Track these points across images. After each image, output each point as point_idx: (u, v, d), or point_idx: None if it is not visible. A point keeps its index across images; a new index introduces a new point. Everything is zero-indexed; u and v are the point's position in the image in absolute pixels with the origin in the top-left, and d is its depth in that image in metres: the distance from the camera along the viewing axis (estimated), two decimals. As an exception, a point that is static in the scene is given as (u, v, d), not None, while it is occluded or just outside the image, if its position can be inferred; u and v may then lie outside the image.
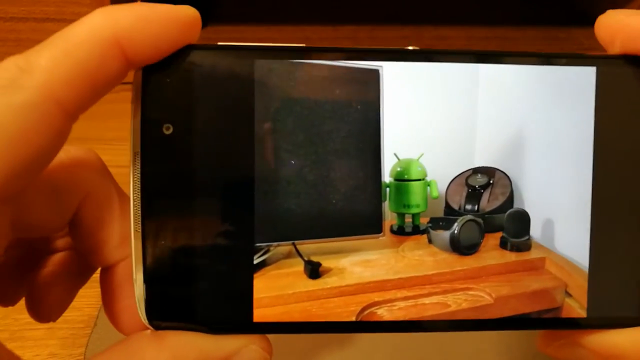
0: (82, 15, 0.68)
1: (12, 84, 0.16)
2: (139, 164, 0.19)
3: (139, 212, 0.20)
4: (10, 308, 0.37)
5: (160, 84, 0.19)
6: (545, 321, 0.21)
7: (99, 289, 0.39)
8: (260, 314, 0.20)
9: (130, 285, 0.20)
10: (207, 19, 0.70)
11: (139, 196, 0.19)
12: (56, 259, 0.23)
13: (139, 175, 0.19)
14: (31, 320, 0.36)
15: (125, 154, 0.59)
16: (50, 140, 0.16)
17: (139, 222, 0.20)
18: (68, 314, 0.37)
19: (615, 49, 0.20)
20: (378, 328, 0.21)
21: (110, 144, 0.53)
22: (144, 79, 0.19)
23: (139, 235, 0.20)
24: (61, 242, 0.23)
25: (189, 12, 0.19)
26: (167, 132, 0.19)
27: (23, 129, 0.16)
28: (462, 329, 0.21)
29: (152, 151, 0.19)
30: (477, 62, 0.20)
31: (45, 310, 0.22)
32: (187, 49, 0.19)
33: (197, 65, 0.19)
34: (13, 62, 0.16)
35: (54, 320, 0.23)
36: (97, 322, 0.36)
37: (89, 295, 0.38)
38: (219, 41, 0.20)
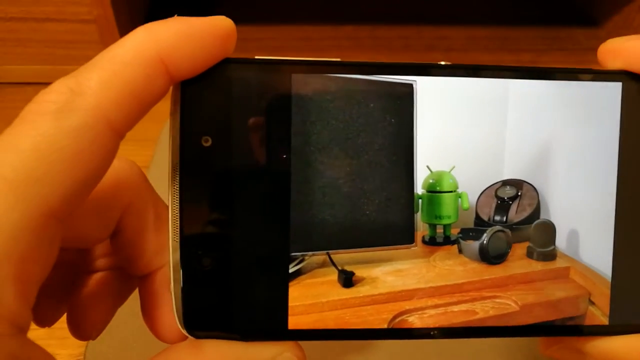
0: (82, 16, 0.66)
1: (66, 106, 0.16)
2: (178, 176, 0.20)
3: (177, 222, 0.20)
4: None
5: (199, 97, 0.19)
6: (568, 328, 0.22)
7: None
8: (295, 322, 0.20)
9: (169, 292, 0.20)
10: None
11: (178, 207, 0.20)
12: (97, 278, 0.23)
13: (178, 186, 0.20)
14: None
15: (124, 154, 0.59)
16: (103, 159, 0.17)
17: (177, 233, 0.20)
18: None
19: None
20: (409, 335, 0.21)
21: None
22: (182, 93, 0.19)
23: (177, 245, 0.20)
24: (102, 262, 0.23)
25: (226, 24, 0.19)
26: (205, 145, 0.20)
27: (78, 151, 0.16)
28: (489, 335, 0.21)
29: (191, 163, 0.20)
30: (507, 78, 0.20)
31: (86, 328, 0.22)
32: (225, 62, 0.19)
33: (234, 79, 0.20)
34: (65, 85, 0.16)
35: (94, 338, 0.23)
36: None
37: None
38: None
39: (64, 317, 0.36)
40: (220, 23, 0.19)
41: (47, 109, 0.16)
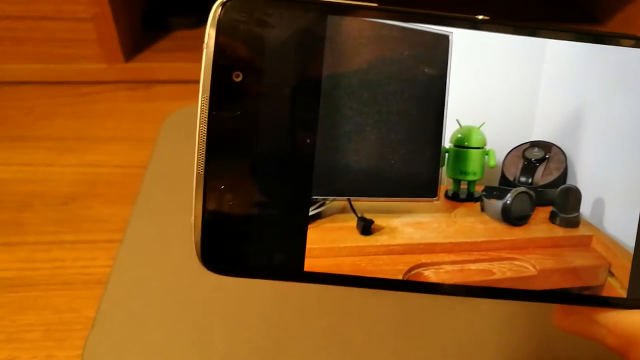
0: (80, 14, 0.66)
1: None
2: (207, 108, 0.20)
3: (203, 154, 0.20)
4: (6, 309, 0.38)
5: (233, 33, 0.19)
6: (584, 298, 0.21)
7: (97, 291, 0.38)
8: (310, 264, 0.20)
9: None
10: (206, 17, 0.70)
11: (205, 139, 0.20)
12: None
13: (206, 118, 0.20)
14: (28, 321, 0.37)
15: (122, 154, 0.59)
16: None
17: (202, 165, 0.20)
18: (65, 315, 0.38)
19: None
20: (423, 289, 0.21)
21: (107, 143, 0.54)
22: (218, 28, 0.19)
23: (201, 177, 0.20)
24: None
25: None
26: (236, 80, 0.20)
27: None
28: (504, 297, 0.21)
29: (220, 97, 0.20)
30: (545, 37, 0.20)
31: None
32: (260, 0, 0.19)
33: (269, 17, 0.19)
34: None
35: None
36: (95, 323, 0.36)
37: (86, 296, 0.39)
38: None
39: (65, 318, 0.37)
40: None
41: None
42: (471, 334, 0.34)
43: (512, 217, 0.21)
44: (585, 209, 0.21)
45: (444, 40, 0.20)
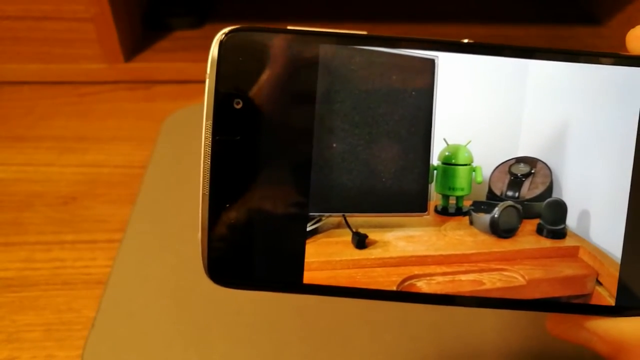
0: (80, 14, 0.68)
1: None
2: (210, 133, 0.21)
3: (208, 176, 0.21)
4: (6, 309, 0.38)
5: (233, 63, 0.21)
6: (574, 306, 0.22)
7: (97, 291, 0.39)
8: (309, 277, 0.21)
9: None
10: (207, 18, 0.69)
11: (209, 162, 0.21)
12: None
13: (210, 142, 0.21)
14: (28, 321, 0.38)
15: (122, 154, 0.60)
16: None
17: (207, 186, 0.21)
18: (65, 316, 0.38)
19: None
20: (416, 299, 0.22)
21: (107, 143, 0.54)
22: (219, 57, 0.21)
23: (206, 197, 0.21)
24: None
25: None
26: (237, 107, 0.21)
27: None
28: (493, 306, 0.22)
29: (222, 122, 0.21)
30: (527, 58, 0.21)
31: None
32: (257, 31, 0.21)
33: (265, 47, 0.21)
34: None
35: None
36: (95, 323, 0.36)
37: (86, 296, 0.39)
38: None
39: (65, 318, 0.37)
40: None
41: None
42: (471, 335, 0.35)
43: (500, 230, 0.21)
44: (571, 221, 0.21)
45: (430, 63, 0.21)
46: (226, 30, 0.21)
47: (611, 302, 0.22)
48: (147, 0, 0.71)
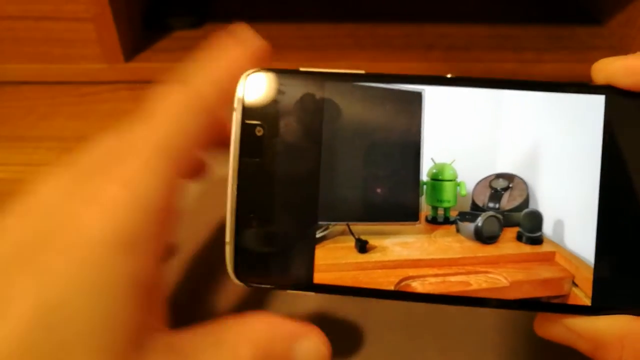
0: (80, 14, 0.62)
1: (192, 104, 0.23)
2: (237, 155, 0.25)
3: (235, 192, 0.25)
4: None
5: (255, 98, 0.25)
6: (552, 306, 0.24)
7: None
8: (319, 277, 0.25)
9: None
10: (207, 18, 0.68)
11: (235, 179, 0.25)
12: None
13: (237, 163, 0.25)
14: None
15: None
16: (208, 135, 0.24)
17: (234, 201, 0.25)
18: None
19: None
20: (411, 297, 0.25)
21: None
22: (244, 92, 0.25)
23: (234, 207, 0.25)
24: None
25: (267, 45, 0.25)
26: (258, 134, 0.25)
27: (199, 132, 0.23)
28: (481, 305, 0.25)
29: (246, 146, 0.25)
30: (502, 88, 0.24)
31: None
32: (274, 71, 0.25)
33: (281, 85, 0.25)
34: (188, 90, 0.23)
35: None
36: None
37: None
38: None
39: None
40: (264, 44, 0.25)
41: (180, 105, 0.23)
42: (471, 334, 0.35)
43: (484, 237, 0.24)
44: (547, 228, 0.24)
45: (418, 95, 0.25)
46: (249, 72, 0.25)
47: (587, 302, 0.24)
48: (147, 0, 0.69)
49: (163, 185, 0.21)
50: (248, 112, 0.25)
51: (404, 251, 0.25)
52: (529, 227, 0.24)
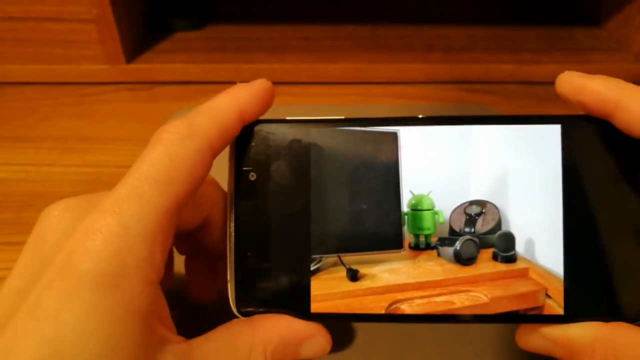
0: (81, 15, 0.62)
1: (187, 136, 0.24)
2: (234, 199, 0.28)
3: (233, 232, 0.28)
4: None
5: (247, 145, 0.28)
6: (530, 317, 0.27)
7: None
8: (315, 307, 0.27)
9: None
10: (208, 19, 0.69)
11: (233, 220, 0.28)
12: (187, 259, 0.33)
13: (233, 206, 0.28)
14: None
15: (124, 154, 0.58)
16: (206, 170, 0.25)
17: (232, 240, 0.28)
18: None
19: (574, 105, 0.26)
20: (401, 319, 0.27)
21: (109, 143, 0.54)
22: (237, 142, 0.28)
23: (233, 247, 0.28)
24: (191, 246, 0.32)
25: (270, 85, 0.27)
26: (252, 178, 0.28)
27: (195, 164, 0.24)
28: (465, 321, 0.27)
29: (242, 190, 0.28)
30: (470, 125, 0.27)
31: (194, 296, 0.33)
32: (263, 122, 0.28)
33: (270, 132, 0.28)
34: (184, 122, 0.24)
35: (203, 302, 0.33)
36: None
37: None
38: (218, 39, 0.27)
39: None
40: (267, 85, 0.27)
41: (174, 137, 0.24)
42: (471, 334, 0.36)
43: (463, 259, 0.27)
44: (519, 247, 0.27)
45: (394, 136, 0.27)
46: (240, 123, 0.28)
47: (560, 311, 0.26)
48: (148, 1, 0.69)
49: (152, 210, 0.23)
50: (242, 159, 0.28)
51: (391, 277, 0.27)
52: (503, 247, 0.27)
